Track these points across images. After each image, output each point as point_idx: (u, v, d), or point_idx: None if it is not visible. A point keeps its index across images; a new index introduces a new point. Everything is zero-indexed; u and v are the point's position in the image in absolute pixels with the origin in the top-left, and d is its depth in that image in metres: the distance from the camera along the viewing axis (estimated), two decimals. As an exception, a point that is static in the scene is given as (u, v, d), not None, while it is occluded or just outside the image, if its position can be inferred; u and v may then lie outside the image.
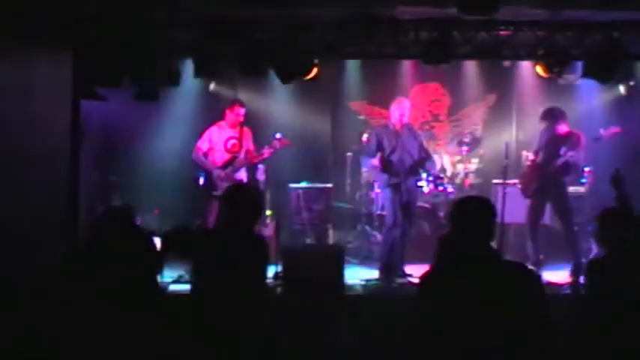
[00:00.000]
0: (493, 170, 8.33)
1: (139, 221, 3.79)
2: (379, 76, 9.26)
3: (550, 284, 6.13)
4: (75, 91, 5.91)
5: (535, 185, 6.90)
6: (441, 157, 8.81)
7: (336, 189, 8.76)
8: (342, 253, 6.01)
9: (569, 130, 6.82)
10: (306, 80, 7.10)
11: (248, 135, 7.21)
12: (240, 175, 7.16)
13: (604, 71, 6.57)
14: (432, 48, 6.46)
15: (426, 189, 7.85)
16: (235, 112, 7.10)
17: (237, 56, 6.68)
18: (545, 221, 7.25)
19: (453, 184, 8.33)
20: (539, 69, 6.91)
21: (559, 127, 6.80)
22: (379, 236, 7.32)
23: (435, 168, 7.04)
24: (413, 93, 9.40)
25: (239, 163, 7.09)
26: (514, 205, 7.03)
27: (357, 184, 8.70)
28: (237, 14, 6.36)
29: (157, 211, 8.06)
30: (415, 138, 6.84)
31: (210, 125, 7.24)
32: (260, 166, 7.54)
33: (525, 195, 7.02)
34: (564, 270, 6.60)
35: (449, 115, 9.62)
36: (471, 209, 2.93)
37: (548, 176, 6.79)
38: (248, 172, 7.36)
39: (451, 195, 7.91)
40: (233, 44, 6.52)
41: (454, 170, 8.80)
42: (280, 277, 5.80)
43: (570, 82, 8.61)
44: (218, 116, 7.29)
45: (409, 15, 6.36)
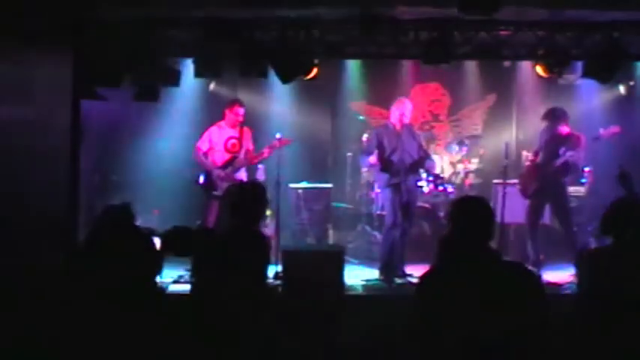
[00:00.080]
0: (493, 170, 8.33)
1: (138, 221, 3.79)
2: (379, 76, 9.27)
3: (550, 284, 6.14)
4: (75, 91, 5.90)
5: (535, 185, 6.90)
6: (441, 158, 8.82)
7: (336, 189, 8.77)
8: (342, 253, 6.00)
9: (569, 131, 6.82)
10: (306, 80, 7.11)
11: (248, 135, 7.22)
12: (240, 175, 7.17)
13: (604, 71, 6.57)
14: (432, 48, 6.46)
15: (426, 189, 7.85)
16: (235, 112, 7.10)
17: (237, 56, 6.68)
18: (545, 221, 7.25)
19: (453, 184, 8.33)
20: (539, 69, 6.90)
21: (560, 127, 6.80)
22: (379, 236, 7.31)
23: (435, 166, 7.03)
24: (413, 93, 9.40)
25: (239, 163, 7.09)
26: (514, 205, 7.03)
27: (357, 184, 8.71)
28: (237, 14, 6.36)
29: (157, 211, 8.06)
30: (414, 138, 6.84)
31: (210, 125, 7.25)
32: (260, 166, 7.55)
33: (525, 195, 7.01)
34: (564, 270, 6.60)
35: (449, 115, 9.63)
36: (470, 209, 2.94)
37: (547, 176, 6.80)
38: (248, 172, 7.37)
39: (451, 195, 7.91)
40: (233, 44, 6.52)
41: (454, 170, 8.81)
42: (280, 277, 5.80)
43: (570, 82, 8.62)
44: (218, 116, 7.29)
45: (409, 15, 6.36)
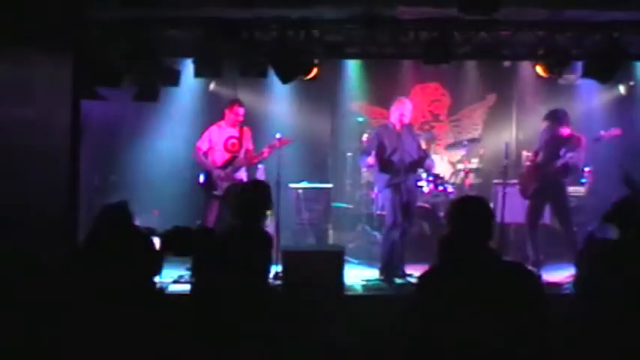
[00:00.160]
0: (493, 170, 8.34)
1: (138, 221, 3.80)
2: (379, 76, 9.27)
3: (550, 284, 6.13)
4: (75, 91, 5.89)
5: (534, 186, 6.90)
6: (441, 158, 8.81)
7: (336, 189, 8.77)
8: (342, 253, 6.00)
9: (570, 132, 6.81)
10: (306, 80, 7.10)
11: (248, 135, 7.22)
12: (240, 175, 7.17)
13: (604, 71, 6.57)
14: (432, 48, 6.46)
15: (426, 189, 7.85)
16: (235, 112, 7.10)
17: (237, 56, 6.68)
18: (545, 221, 7.25)
19: (453, 184, 8.33)
20: (539, 69, 6.89)
21: (561, 129, 6.79)
22: (379, 236, 7.31)
23: (434, 165, 7.02)
24: (413, 93, 9.40)
25: (239, 162, 7.09)
26: (514, 205, 7.03)
27: (357, 184, 8.71)
28: (237, 14, 6.36)
29: (156, 211, 8.06)
30: (414, 138, 6.84)
31: (210, 125, 7.25)
32: (260, 166, 7.55)
33: (524, 196, 7.01)
34: (564, 270, 6.60)
35: (449, 115, 9.63)
36: (470, 209, 2.94)
37: (547, 177, 6.79)
38: (248, 171, 7.37)
39: (451, 195, 7.91)
40: (233, 44, 6.52)
41: (454, 170, 8.81)
42: (280, 277, 5.80)
43: (570, 82, 8.62)
44: (218, 116, 7.29)
45: (409, 15, 6.36)
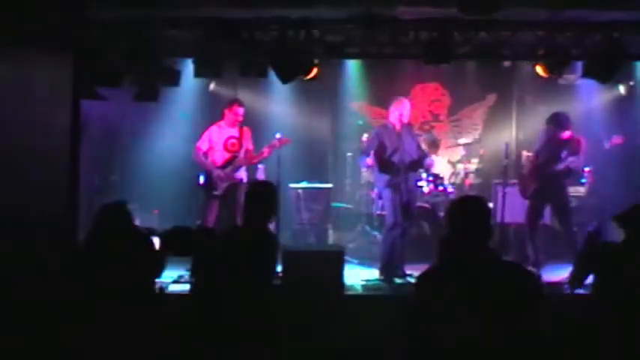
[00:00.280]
0: (493, 170, 8.34)
1: (138, 221, 3.80)
2: (379, 76, 9.26)
3: (550, 284, 6.13)
4: (75, 91, 5.90)
5: (534, 186, 6.89)
6: (442, 158, 8.81)
7: (336, 189, 8.77)
8: (342, 253, 6.00)
9: (570, 134, 6.78)
10: (306, 80, 7.10)
11: (247, 135, 7.22)
12: (240, 175, 7.16)
13: (604, 71, 6.57)
14: (432, 48, 6.46)
15: (426, 189, 7.85)
16: (234, 112, 7.10)
17: (237, 56, 6.68)
18: (546, 221, 7.24)
19: (453, 184, 8.33)
20: (539, 69, 6.89)
21: (562, 132, 6.77)
22: (379, 236, 7.31)
23: (433, 164, 7.01)
24: (413, 93, 9.41)
25: (239, 162, 7.09)
26: (514, 205, 7.03)
27: (357, 184, 8.71)
28: (237, 14, 6.36)
29: (156, 211, 8.06)
30: (413, 138, 6.84)
31: (210, 125, 7.25)
32: (260, 166, 7.55)
33: (524, 196, 7.00)
34: (564, 270, 6.59)
35: (449, 115, 9.63)
36: (469, 209, 2.94)
37: (547, 178, 6.77)
38: (248, 171, 7.36)
39: (451, 195, 7.91)
40: (233, 44, 6.52)
41: (454, 170, 8.80)
42: (280, 277, 5.80)
43: (570, 82, 8.62)
44: (218, 116, 7.29)
45: (409, 15, 6.36)
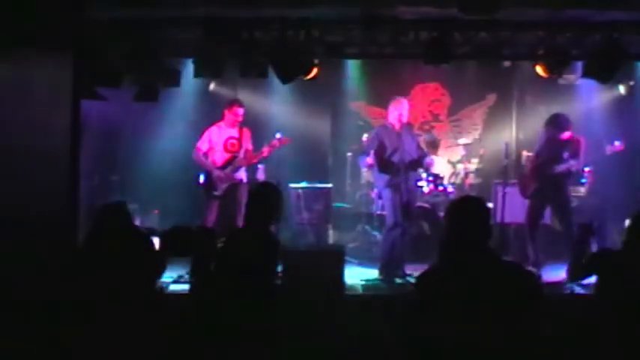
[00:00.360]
0: (493, 170, 8.34)
1: (138, 221, 3.80)
2: (379, 76, 9.26)
3: (550, 284, 6.13)
4: (75, 91, 5.90)
5: (534, 186, 6.89)
6: (442, 158, 8.81)
7: (336, 189, 8.77)
8: (342, 253, 6.00)
9: (570, 135, 6.77)
10: (306, 80, 7.10)
11: (247, 135, 7.22)
12: (240, 175, 7.17)
13: (604, 71, 6.56)
14: (432, 48, 6.46)
15: (426, 189, 7.85)
16: (234, 112, 7.10)
17: (237, 56, 6.68)
18: (546, 221, 7.24)
19: (453, 184, 8.33)
20: (539, 69, 6.89)
21: (562, 133, 6.76)
22: (379, 236, 7.31)
23: (433, 163, 7.00)
24: (413, 93, 9.41)
25: (238, 162, 7.09)
26: (514, 205, 7.02)
27: (357, 184, 8.71)
28: (237, 14, 6.36)
29: (156, 211, 8.06)
30: (413, 138, 6.84)
31: (210, 125, 7.25)
32: (260, 166, 7.54)
33: (524, 195, 7.00)
34: (564, 270, 6.59)
35: (449, 115, 9.63)
36: (468, 209, 2.94)
37: (547, 178, 6.76)
38: (248, 172, 7.36)
39: (451, 195, 7.91)
40: (233, 44, 6.52)
41: (454, 170, 8.80)
42: (280, 277, 5.80)
43: (570, 82, 8.62)
44: (218, 116, 7.29)
45: (409, 15, 6.36)
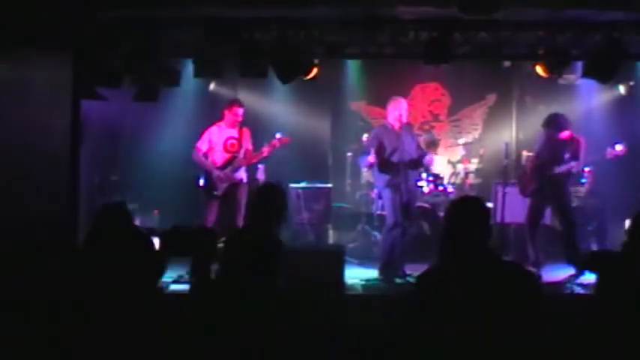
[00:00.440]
0: (493, 170, 8.34)
1: (138, 221, 3.80)
2: (379, 76, 9.25)
3: (550, 284, 6.13)
4: (75, 91, 5.90)
5: (534, 185, 6.88)
6: (442, 158, 8.81)
7: (336, 189, 8.77)
8: (342, 253, 6.00)
9: (570, 134, 6.76)
10: (306, 80, 7.10)
11: (247, 135, 7.22)
12: (240, 175, 7.17)
13: (604, 71, 6.56)
14: (432, 48, 6.46)
15: (426, 189, 7.85)
16: (234, 112, 7.10)
17: (237, 56, 6.68)
18: (546, 221, 7.23)
19: (453, 184, 8.33)
20: (539, 69, 6.88)
21: (561, 133, 6.75)
22: (379, 236, 7.31)
23: (433, 160, 6.99)
24: (413, 93, 9.41)
25: (238, 162, 7.09)
26: (514, 205, 7.02)
27: (357, 184, 8.71)
28: (237, 14, 6.36)
29: (156, 211, 8.06)
30: (413, 138, 6.84)
31: (210, 126, 7.25)
32: (260, 166, 7.54)
33: (524, 194, 6.99)
34: (564, 270, 6.59)
35: (449, 115, 9.63)
36: (467, 209, 2.93)
37: (547, 179, 6.74)
38: (248, 172, 7.36)
39: (451, 195, 7.91)
40: (233, 44, 6.52)
41: (454, 170, 8.80)
42: (280, 277, 5.79)
43: (570, 82, 8.62)
44: (218, 116, 7.28)
45: (409, 15, 6.36)
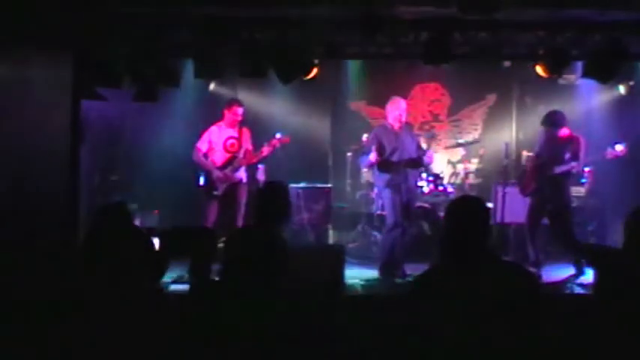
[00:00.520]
0: (493, 170, 8.34)
1: (138, 221, 3.80)
2: (379, 76, 9.25)
3: (550, 284, 6.14)
4: (75, 91, 5.90)
5: (534, 185, 6.87)
6: (442, 158, 8.81)
7: (336, 189, 8.77)
8: (342, 252, 6.00)
9: (569, 133, 6.76)
10: (306, 80, 7.10)
11: (247, 135, 7.22)
12: (240, 175, 7.17)
13: (604, 71, 6.56)
14: (431, 48, 6.46)
15: (426, 189, 7.86)
16: (233, 112, 7.11)
17: (237, 56, 6.68)
18: (546, 221, 7.23)
19: (453, 184, 8.33)
20: (539, 69, 6.88)
21: (559, 131, 6.75)
22: (379, 236, 7.31)
23: (433, 157, 6.98)
24: (413, 93, 9.41)
25: (238, 162, 7.10)
26: (514, 205, 7.02)
27: (357, 184, 8.71)
28: (237, 14, 6.36)
29: (156, 212, 8.05)
30: (413, 138, 6.84)
31: (210, 126, 7.25)
32: (260, 166, 7.54)
33: (524, 193, 6.99)
34: (564, 270, 6.59)
35: (449, 115, 9.63)
36: (467, 209, 2.93)
37: (547, 179, 6.74)
38: (248, 171, 7.37)
39: (451, 195, 7.91)
40: (233, 44, 6.52)
41: (454, 170, 8.80)
42: (279, 277, 5.79)
43: (570, 82, 8.62)
44: (218, 116, 7.29)
45: (409, 15, 6.36)
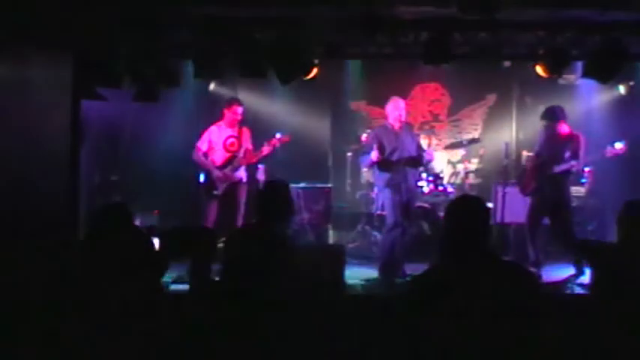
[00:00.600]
0: (493, 170, 8.34)
1: (138, 221, 3.80)
2: (379, 76, 9.25)
3: (550, 284, 6.13)
4: (75, 91, 5.90)
5: (534, 185, 6.87)
6: (442, 158, 8.81)
7: (336, 189, 8.78)
8: (342, 252, 5.99)
9: (569, 131, 6.77)
10: (306, 80, 7.10)
11: (247, 134, 7.23)
12: (240, 175, 7.17)
13: (604, 71, 6.55)
14: (432, 48, 6.46)
15: (426, 189, 7.86)
16: (233, 111, 7.11)
17: (237, 56, 6.68)
18: (546, 221, 7.24)
19: (453, 184, 8.33)
20: (539, 69, 6.88)
21: (559, 127, 6.75)
22: (379, 236, 7.31)
23: (432, 155, 6.98)
24: (413, 93, 9.42)
25: (238, 162, 7.10)
26: (514, 205, 7.02)
27: (357, 184, 8.72)
28: (237, 14, 6.36)
29: (156, 211, 8.05)
30: (413, 138, 6.84)
31: (210, 125, 7.26)
32: (260, 166, 7.55)
33: (524, 194, 6.99)
34: (564, 270, 6.60)
35: (449, 115, 9.63)
36: (467, 209, 2.93)
37: (547, 178, 6.74)
38: (248, 171, 7.37)
39: (451, 195, 7.92)
40: (233, 44, 6.52)
41: (454, 170, 8.80)
42: (279, 277, 5.79)
43: (570, 82, 8.62)
44: (218, 116, 7.30)
45: (409, 15, 6.36)
